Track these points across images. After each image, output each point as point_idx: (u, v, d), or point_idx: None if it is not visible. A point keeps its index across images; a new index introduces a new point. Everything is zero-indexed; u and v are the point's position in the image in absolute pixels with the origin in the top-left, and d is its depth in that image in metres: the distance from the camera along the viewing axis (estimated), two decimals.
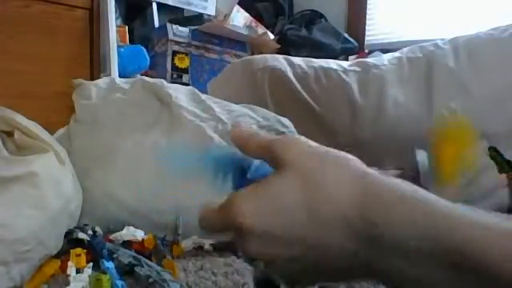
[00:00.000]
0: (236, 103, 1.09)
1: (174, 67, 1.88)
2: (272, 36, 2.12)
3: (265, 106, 1.13)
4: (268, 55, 1.34)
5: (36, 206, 0.72)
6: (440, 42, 1.25)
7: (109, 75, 1.38)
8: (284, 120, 1.06)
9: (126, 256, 0.73)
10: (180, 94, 1.04)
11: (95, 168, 0.93)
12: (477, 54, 1.18)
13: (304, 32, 2.17)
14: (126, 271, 0.71)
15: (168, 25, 1.88)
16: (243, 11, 2.18)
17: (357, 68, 1.26)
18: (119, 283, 0.65)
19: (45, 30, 1.31)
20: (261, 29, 2.15)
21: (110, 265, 0.69)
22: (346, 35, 2.19)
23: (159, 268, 0.70)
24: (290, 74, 1.23)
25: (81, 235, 0.77)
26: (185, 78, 1.90)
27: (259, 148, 0.35)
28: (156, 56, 1.89)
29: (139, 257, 0.73)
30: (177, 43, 1.89)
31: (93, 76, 1.40)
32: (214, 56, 1.98)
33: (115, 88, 1.06)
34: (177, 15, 2.05)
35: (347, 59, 2.05)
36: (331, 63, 1.29)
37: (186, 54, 1.91)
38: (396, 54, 1.30)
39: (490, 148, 0.86)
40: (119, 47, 1.49)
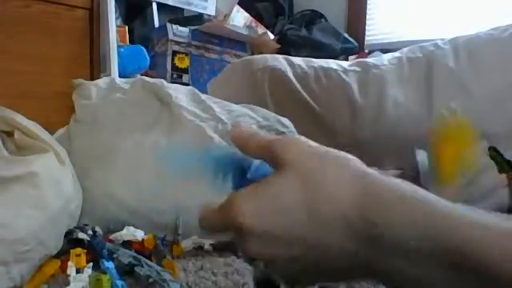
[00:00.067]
0: (236, 103, 1.09)
1: (174, 67, 1.88)
2: (272, 36, 2.12)
3: (265, 106, 1.13)
4: (268, 55, 1.34)
5: (36, 206, 0.72)
6: (440, 42, 1.25)
7: (109, 75, 1.38)
8: (284, 120, 1.06)
9: (126, 256, 0.73)
10: (180, 94, 1.04)
11: (95, 168, 0.93)
12: (477, 54, 1.18)
13: (304, 32, 2.17)
14: (126, 271, 0.71)
15: (168, 25, 1.88)
16: (243, 11, 2.18)
17: (357, 68, 1.26)
18: (119, 283, 0.65)
19: (45, 30, 1.31)
20: (261, 29, 2.15)
21: (110, 265, 0.69)
22: (346, 35, 2.19)
23: (159, 268, 0.70)
24: (290, 74, 1.23)
25: (81, 235, 0.77)
26: (185, 78, 1.90)
27: (259, 148, 0.35)
28: (156, 56, 1.89)
29: (139, 257, 0.73)
30: (177, 43, 1.89)
31: (93, 76, 1.40)
32: (214, 56, 1.98)
33: (115, 88, 1.06)
34: (177, 15, 2.04)
35: (347, 59, 2.05)
36: (331, 63, 1.29)
37: (186, 54, 1.91)
38: (396, 54, 1.30)
39: (490, 148, 0.86)
40: (119, 47, 1.49)
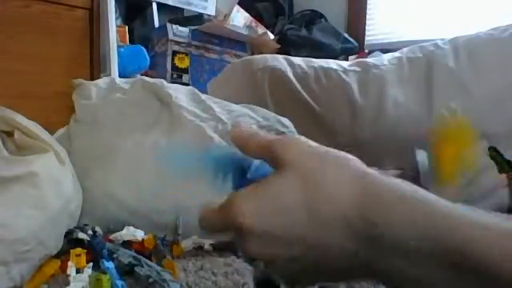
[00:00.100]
0: (236, 103, 1.09)
1: (174, 67, 1.88)
2: (272, 36, 2.12)
3: (265, 106, 1.13)
4: (268, 55, 1.34)
5: (36, 206, 0.72)
6: (440, 42, 1.25)
7: (109, 75, 1.37)
8: (284, 120, 1.06)
9: (126, 256, 0.73)
10: (180, 94, 1.04)
11: (95, 168, 0.93)
12: (477, 54, 1.18)
13: (304, 32, 2.17)
14: (126, 271, 0.71)
15: (168, 25, 1.88)
16: (243, 11, 2.18)
17: (357, 68, 1.26)
18: (119, 283, 0.65)
19: (45, 30, 1.31)
20: (261, 29, 2.15)
21: (110, 265, 0.69)
22: (346, 35, 2.19)
23: (159, 268, 0.70)
24: (290, 74, 1.23)
25: (81, 235, 0.77)
26: (185, 78, 1.90)
27: (259, 148, 0.35)
28: (156, 56, 1.89)
29: (139, 257, 0.73)
30: (177, 43, 1.89)
31: (93, 76, 1.40)
32: (214, 56, 1.98)
33: (115, 88, 1.06)
34: (177, 15, 2.04)
35: (347, 59, 2.05)
36: (331, 63, 1.29)
37: (186, 54, 1.91)
38: (396, 54, 1.30)
39: (490, 148, 0.86)
40: (119, 47, 1.49)
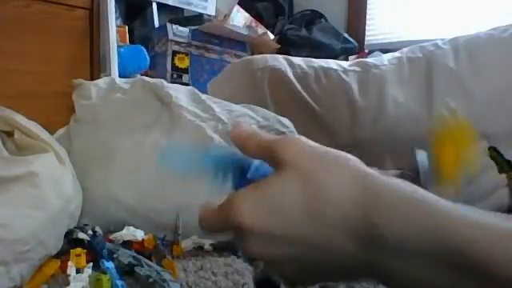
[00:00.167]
0: (236, 103, 1.09)
1: (174, 67, 1.88)
2: (272, 36, 2.11)
3: (265, 106, 1.13)
4: (268, 55, 1.34)
5: (36, 206, 0.72)
6: (440, 42, 1.25)
7: (109, 75, 1.37)
8: (284, 120, 1.06)
9: (126, 256, 0.73)
10: (180, 94, 1.04)
11: (95, 168, 0.93)
12: (477, 54, 1.18)
13: (304, 32, 2.17)
14: (126, 271, 0.71)
15: (168, 25, 1.88)
16: (243, 11, 2.18)
17: (357, 68, 1.26)
18: (119, 283, 0.65)
19: (45, 30, 1.31)
20: (261, 29, 2.15)
21: (110, 265, 0.69)
22: (346, 35, 2.19)
23: (159, 268, 0.70)
24: (290, 74, 1.23)
25: (81, 235, 0.77)
26: (185, 78, 1.90)
27: (259, 148, 0.35)
28: (156, 56, 1.89)
29: (139, 257, 0.73)
30: (177, 43, 1.89)
31: (93, 76, 1.40)
32: (214, 56, 1.98)
33: (115, 88, 1.06)
34: (177, 15, 2.04)
35: (347, 59, 2.05)
36: (331, 63, 1.29)
37: (186, 54, 1.91)
38: (396, 54, 1.30)
39: (490, 148, 0.86)
40: (119, 47, 1.48)
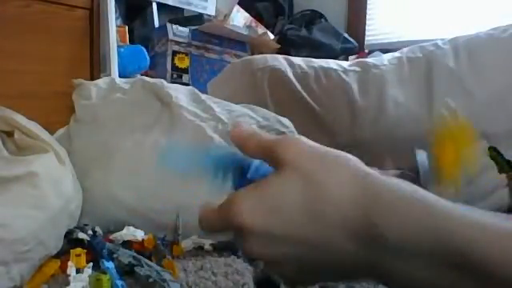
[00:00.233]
0: (236, 103, 1.09)
1: (174, 67, 1.88)
2: (272, 36, 2.11)
3: (265, 106, 1.13)
4: (268, 55, 1.34)
5: (36, 206, 0.72)
6: (440, 42, 1.25)
7: (109, 75, 1.37)
8: (284, 120, 1.06)
9: (126, 256, 0.73)
10: (180, 94, 1.04)
11: (95, 168, 0.93)
12: (477, 54, 1.18)
13: (304, 32, 2.16)
14: (126, 271, 0.71)
15: (168, 25, 1.88)
16: (243, 11, 2.18)
17: (357, 68, 1.26)
18: (119, 283, 0.65)
19: (45, 30, 1.31)
20: (261, 29, 2.14)
21: (110, 265, 0.69)
22: (346, 35, 2.19)
23: (159, 268, 0.70)
24: (290, 74, 1.23)
25: (81, 235, 0.77)
26: (185, 78, 1.90)
27: (259, 148, 0.35)
28: (156, 56, 1.89)
29: (139, 257, 0.73)
30: (177, 43, 1.89)
31: (93, 76, 1.40)
32: (214, 56, 1.98)
33: (115, 88, 1.06)
34: (177, 15, 2.04)
35: (347, 59, 2.05)
36: (331, 63, 1.29)
37: (186, 54, 1.91)
38: (396, 54, 1.30)
39: (490, 148, 0.86)
40: (119, 47, 1.48)
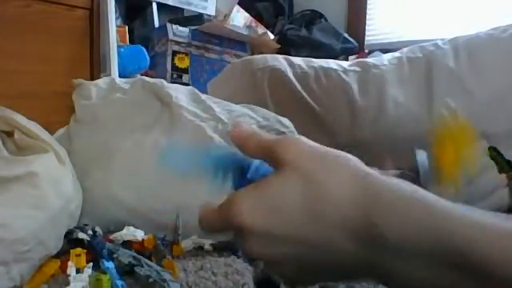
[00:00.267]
0: (236, 103, 1.09)
1: (174, 67, 1.88)
2: (272, 36, 2.11)
3: (265, 106, 1.13)
4: (268, 55, 1.34)
5: (36, 206, 0.72)
6: (440, 42, 1.25)
7: (109, 75, 1.37)
8: (284, 120, 1.06)
9: (126, 256, 0.73)
10: (180, 94, 1.04)
11: (95, 168, 0.93)
12: (477, 54, 1.18)
13: (304, 32, 2.16)
14: (126, 271, 0.71)
15: (168, 25, 1.88)
16: (243, 11, 2.18)
17: (357, 68, 1.26)
18: (119, 283, 0.65)
19: (45, 30, 1.31)
20: (261, 29, 2.15)
21: (110, 265, 0.69)
22: (346, 35, 2.19)
23: (159, 268, 0.70)
24: (290, 74, 1.23)
25: (81, 235, 0.77)
26: (185, 78, 1.90)
27: (259, 148, 0.35)
28: (156, 56, 1.89)
29: (139, 257, 0.73)
30: (177, 43, 1.89)
31: (93, 76, 1.40)
32: (214, 56, 1.98)
33: (115, 88, 1.06)
34: (177, 15, 2.04)
35: (347, 59, 2.05)
36: (331, 63, 1.29)
37: (186, 54, 1.91)
38: (396, 54, 1.30)
39: (490, 148, 0.86)
40: (119, 47, 1.48)
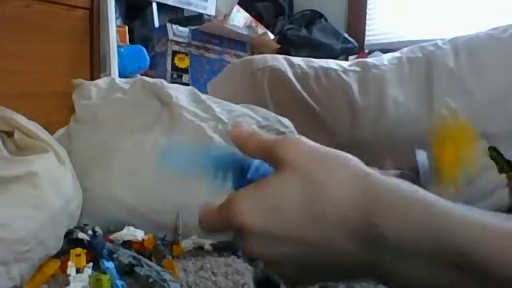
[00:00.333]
0: (236, 103, 1.09)
1: (174, 67, 1.88)
2: (272, 36, 2.11)
3: (265, 106, 1.13)
4: (268, 55, 1.34)
5: (36, 206, 0.72)
6: (440, 42, 1.25)
7: (109, 75, 1.37)
8: (284, 120, 1.06)
9: (126, 256, 0.73)
10: (180, 94, 1.04)
11: (95, 168, 0.93)
12: (477, 54, 1.18)
13: (304, 32, 2.16)
14: (126, 271, 0.71)
15: (168, 25, 1.88)
16: (243, 11, 2.18)
17: (357, 68, 1.26)
18: (119, 283, 0.65)
19: (45, 30, 1.31)
20: (261, 29, 2.15)
21: (110, 265, 0.69)
22: (346, 35, 2.19)
23: (159, 268, 0.70)
24: (290, 74, 1.23)
25: (81, 235, 0.77)
26: (185, 78, 1.90)
27: (259, 148, 0.35)
28: (156, 56, 1.89)
29: (139, 257, 0.73)
30: (177, 43, 1.89)
31: (93, 76, 1.40)
32: (214, 56, 1.98)
33: (115, 88, 1.06)
34: (177, 15, 2.04)
35: (347, 59, 2.05)
36: (331, 63, 1.29)
37: (186, 54, 1.91)
38: (396, 54, 1.30)
39: (490, 148, 0.86)
40: (119, 47, 1.48)
